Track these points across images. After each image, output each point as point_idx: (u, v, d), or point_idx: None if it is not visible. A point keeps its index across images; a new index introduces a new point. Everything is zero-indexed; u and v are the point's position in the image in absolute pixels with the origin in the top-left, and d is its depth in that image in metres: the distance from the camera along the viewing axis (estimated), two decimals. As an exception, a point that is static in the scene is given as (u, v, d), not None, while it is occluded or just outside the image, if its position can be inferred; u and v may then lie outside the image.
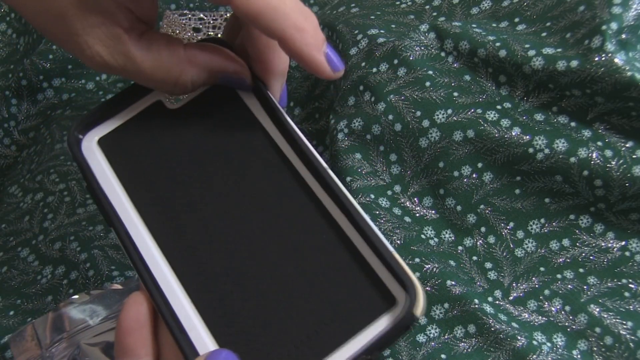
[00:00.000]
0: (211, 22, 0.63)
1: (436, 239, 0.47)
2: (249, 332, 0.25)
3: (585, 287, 0.43)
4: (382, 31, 0.51)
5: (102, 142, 0.30)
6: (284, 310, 0.25)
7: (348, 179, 0.48)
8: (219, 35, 0.63)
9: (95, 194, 0.28)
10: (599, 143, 0.43)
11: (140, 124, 0.30)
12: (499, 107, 0.46)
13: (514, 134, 0.45)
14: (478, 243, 0.46)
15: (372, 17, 0.53)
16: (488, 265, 0.46)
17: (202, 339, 0.25)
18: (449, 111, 0.46)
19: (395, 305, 0.24)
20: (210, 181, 0.28)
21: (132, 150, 0.30)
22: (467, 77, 0.48)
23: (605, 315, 0.42)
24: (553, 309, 0.43)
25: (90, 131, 0.30)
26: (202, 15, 0.63)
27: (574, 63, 0.43)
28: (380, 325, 0.24)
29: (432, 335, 0.43)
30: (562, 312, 0.43)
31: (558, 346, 0.42)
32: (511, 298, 0.44)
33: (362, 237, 0.26)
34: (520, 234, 0.46)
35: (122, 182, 0.29)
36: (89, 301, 0.43)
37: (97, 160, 0.29)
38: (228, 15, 0.64)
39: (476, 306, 0.42)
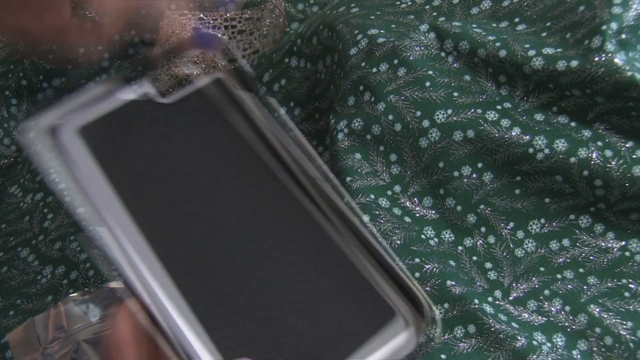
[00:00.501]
0: (211, 22, 0.63)
1: (436, 239, 0.47)
2: (254, 345, 0.24)
3: (585, 287, 0.43)
4: (382, 31, 0.51)
5: (84, 131, 0.28)
6: (286, 320, 0.25)
7: (348, 179, 0.48)
8: (219, 35, 0.63)
9: (75, 185, 0.26)
10: (599, 143, 0.43)
11: (126, 115, 0.29)
12: (499, 107, 0.46)
13: (514, 134, 0.45)
14: (478, 243, 0.46)
15: (372, 17, 0.53)
16: (488, 265, 0.45)
17: (201, 348, 0.24)
18: (449, 111, 0.46)
19: (407, 327, 0.24)
20: (207, 182, 0.27)
21: (116, 142, 0.28)
22: (467, 77, 0.48)
23: (605, 316, 0.42)
24: (553, 309, 0.43)
25: (71, 119, 0.28)
26: (202, 15, 0.63)
27: (574, 63, 0.43)
28: (391, 347, 0.24)
29: (432, 335, 0.43)
30: (562, 312, 0.43)
31: (558, 346, 0.41)
32: (511, 298, 0.44)
33: (372, 256, 0.25)
34: (520, 234, 0.46)
35: (105, 173, 0.27)
36: (89, 299, 0.42)
37: (78, 149, 0.27)
38: (228, 15, 0.64)
39: (476, 306, 0.42)
